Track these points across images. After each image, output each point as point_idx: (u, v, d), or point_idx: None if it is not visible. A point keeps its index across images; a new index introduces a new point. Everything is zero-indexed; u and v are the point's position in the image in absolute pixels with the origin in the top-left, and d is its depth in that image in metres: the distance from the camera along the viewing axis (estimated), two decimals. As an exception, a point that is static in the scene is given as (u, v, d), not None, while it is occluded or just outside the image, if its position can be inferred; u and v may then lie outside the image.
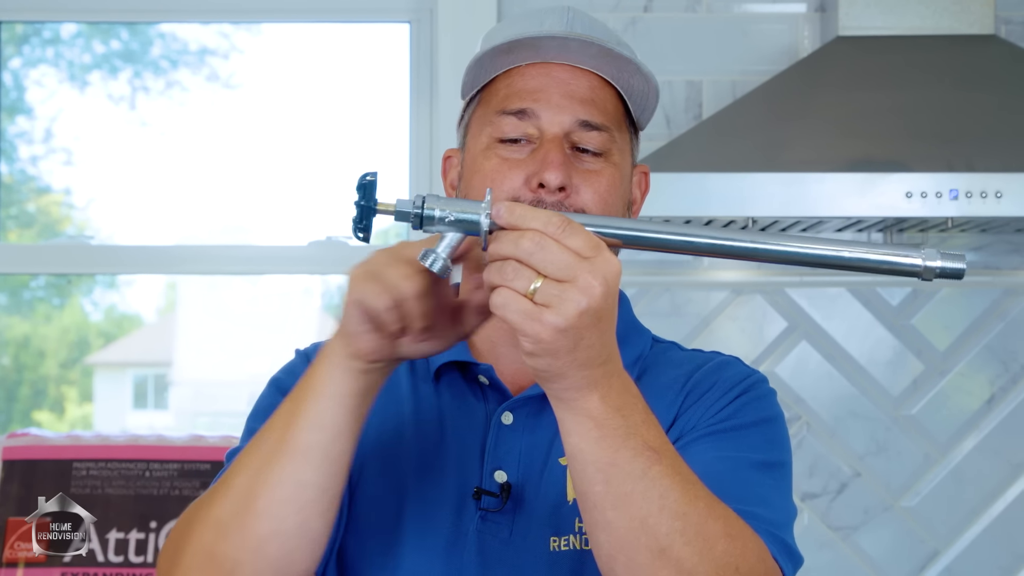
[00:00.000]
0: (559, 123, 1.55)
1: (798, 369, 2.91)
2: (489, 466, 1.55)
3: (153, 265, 3.12)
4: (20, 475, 2.63)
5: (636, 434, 1.25)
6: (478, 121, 1.61)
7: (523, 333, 1.19)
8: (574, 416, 1.24)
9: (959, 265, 1.25)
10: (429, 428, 1.59)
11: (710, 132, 2.58)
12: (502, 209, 1.21)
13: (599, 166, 1.56)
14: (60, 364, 4.28)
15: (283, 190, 3.35)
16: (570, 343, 1.19)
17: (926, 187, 2.44)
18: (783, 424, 1.59)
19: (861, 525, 2.90)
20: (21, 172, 3.47)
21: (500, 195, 1.53)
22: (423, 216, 1.25)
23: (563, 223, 1.19)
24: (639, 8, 2.94)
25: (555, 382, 1.23)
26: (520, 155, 1.55)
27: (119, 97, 3.40)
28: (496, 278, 1.19)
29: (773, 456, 1.53)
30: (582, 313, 1.18)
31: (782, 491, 1.53)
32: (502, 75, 1.59)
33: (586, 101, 1.56)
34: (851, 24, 2.73)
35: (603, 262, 1.19)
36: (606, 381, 1.24)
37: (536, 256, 1.18)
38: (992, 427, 2.91)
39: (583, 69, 1.57)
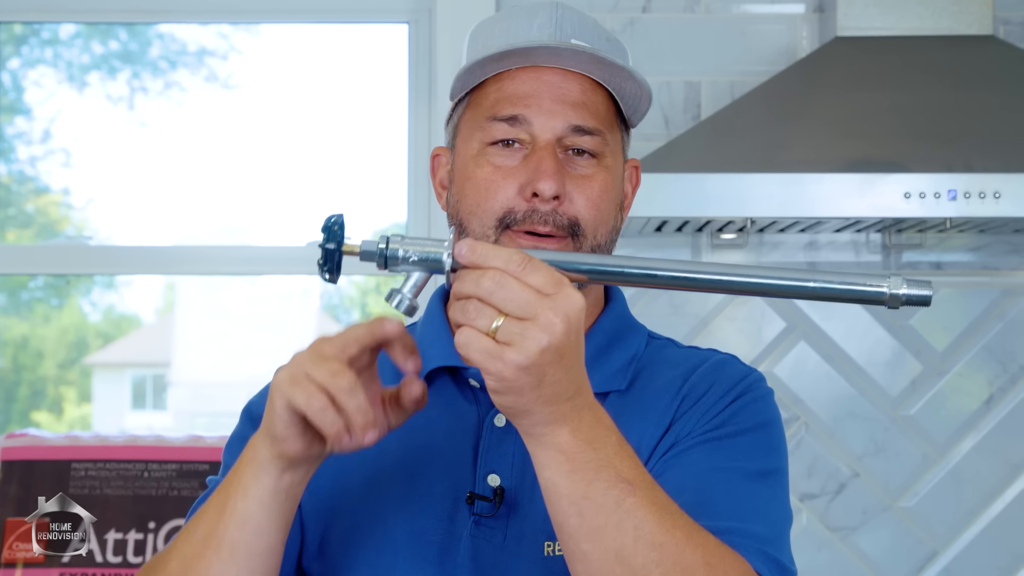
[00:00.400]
0: (551, 129, 1.53)
1: (796, 370, 2.91)
2: (482, 470, 1.54)
3: (151, 266, 3.12)
4: (19, 476, 2.63)
5: (609, 466, 1.25)
6: (468, 124, 1.60)
7: (486, 372, 1.20)
8: (545, 451, 1.25)
9: (925, 292, 1.25)
10: (418, 434, 1.57)
11: (709, 132, 2.59)
12: (464, 248, 1.22)
13: (592, 170, 1.55)
14: (59, 365, 4.28)
15: (282, 190, 3.35)
16: (534, 380, 1.19)
17: (925, 187, 2.44)
18: (779, 427, 1.58)
19: (860, 525, 2.90)
20: (20, 172, 3.47)
21: (495, 205, 1.53)
22: (387, 256, 1.26)
23: (524, 260, 1.19)
24: (637, 8, 2.94)
25: (523, 418, 1.24)
26: (512, 162, 1.54)
27: (118, 97, 3.41)
28: (459, 316, 1.20)
29: (768, 463, 1.52)
30: (543, 351, 1.18)
31: (777, 499, 1.52)
32: (492, 78, 1.57)
33: (578, 105, 1.55)
34: (850, 25, 2.73)
35: (565, 298, 1.19)
36: (575, 415, 1.24)
37: (496, 294, 1.18)
38: (991, 427, 2.91)
39: (574, 71, 1.56)
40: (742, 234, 2.85)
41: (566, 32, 1.56)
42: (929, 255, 2.92)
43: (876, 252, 2.92)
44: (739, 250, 2.91)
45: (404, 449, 1.57)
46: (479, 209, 1.54)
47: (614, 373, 1.58)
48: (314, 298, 4.95)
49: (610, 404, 1.53)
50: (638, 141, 2.87)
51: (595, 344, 1.59)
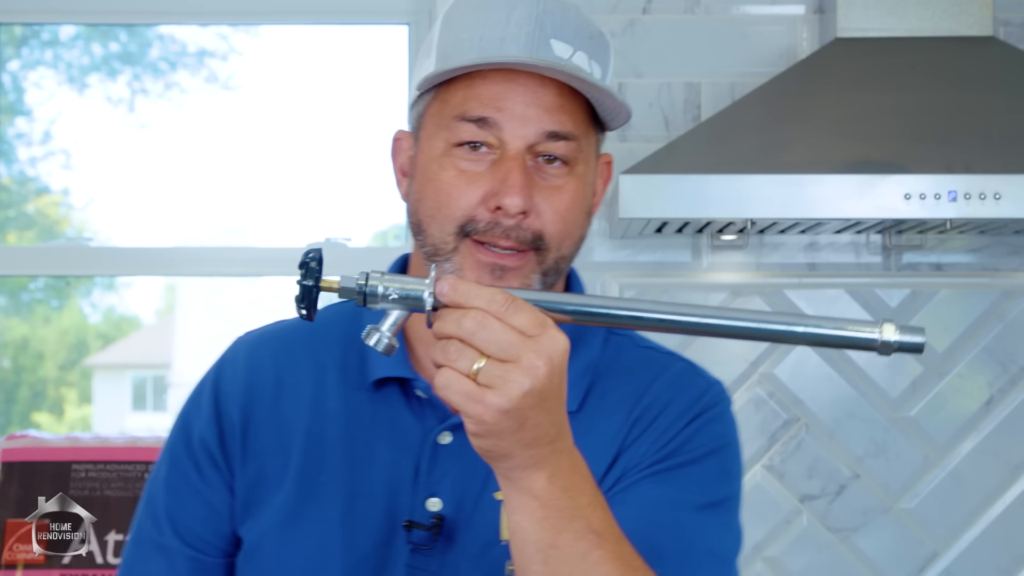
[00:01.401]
0: (522, 136, 1.43)
1: (797, 371, 2.91)
2: (422, 492, 1.49)
3: (152, 267, 3.12)
4: (19, 477, 2.63)
5: (581, 516, 1.22)
6: (433, 120, 1.49)
7: (466, 414, 1.16)
8: (519, 495, 1.22)
9: (918, 339, 1.22)
10: (359, 448, 1.52)
11: (709, 134, 2.58)
12: (445, 287, 1.18)
13: (562, 180, 1.46)
14: (59, 366, 4.27)
15: (282, 192, 3.35)
16: (514, 424, 1.16)
17: (925, 189, 2.44)
18: (735, 447, 1.54)
19: (860, 527, 2.90)
20: (20, 174, 3.47)
21: (456, 212, 1.44)
22: (366, 293, 1.22)
23: (507, 301, 1.16)
24: (638, 10, 2.94)
25: (501, 462, 1.20)
26: (479, 167, 1.44)
27: (118, 99, 3.40)
28: (440, 357, 1.17)
29: (720, 492, 1.49)
30: (526, 394, 1.15)
31: (728, 529, 1.49)
32: (463, 75, 1.46)
33: (553, 109, 1.44)
34: (850, 26, 2.73)
35: (548, 340, 1.16)
36: (554, 459, 1.21)
37: (478, 336, 1.15)
38: (991, 429, 2.91)
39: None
40: (742, 235, 2.85)
41: (546, 31, 1.44)
42: (929, 256, 2.92)
43: (876, 253, 2.92)
44: (739, 251, 2.91)
45: (346, 460, 1.52)
46: (439, 214, 1.45)
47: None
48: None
49: None
50: (638, 143, 2.88)
51: None
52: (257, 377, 1.59)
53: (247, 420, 1.56)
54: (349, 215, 3.32)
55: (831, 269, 2.92)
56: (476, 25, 1.46)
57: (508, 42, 1.43)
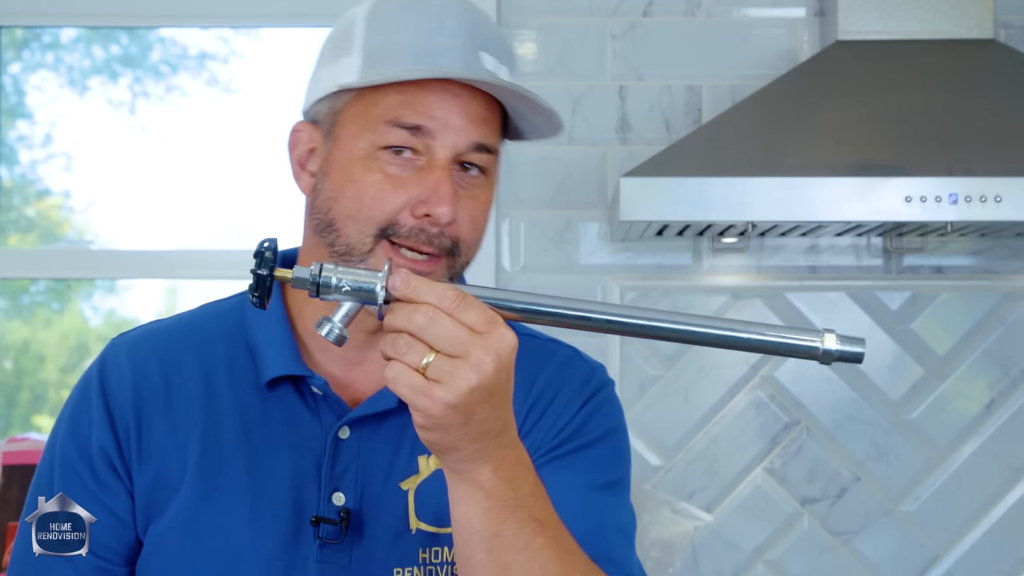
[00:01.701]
0: (452, 146, 1.44)
1: (798, 374, 2.91)
2: (327, 488, 1.49)
3: (153, 270, 3.12)
4: (20, 480, 2.63)
5: (524, 506, 1.26)
6: (357, 120, 1.47)
7: (414, 407, 1.19)
8: (465, 486, 1.25)
9: (858, 349, 1.25)
10: (258, 447, 1.52)
11: (709, 136, 2.59)
12: (398, 281, 1.20)
13: (479, 189, 1.48)
14: (60, 369, 4.27)
15: (283, 194, 3.35)
16: (461, 418, 1.18)
17: (925, 191, 2.44)
18: (623, 429, 1.59)
19: (861, 530, 2.90)
20: (21, 176, 3.47)
21: (379, 215, 1.43)
22: (319, 284, 1.23)
23: (458, 297, 1.18)
24: (638, 12, 2.94)
25: (448, 454, 1.23)
26: (405, 172, 1.44)
27: (119, 102, 3.41)
28: (389, 350, 1.19)
29: (615, 472, 1.54)
30: (473, 389, 1.17)
31: (623, 507, 1.55)
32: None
33: (481, 121, 1.46)
34: (850, 28, 2.73)
35: (497, 337, 1.18)
36: (500, 453, 1.24)
37: (428, 331, 1.17)
38: (992, 431, 2.91)
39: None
40: (743, 238, 2.85)
41: (477, 43, 1.46)
42: (930, 259, 2.92)
43: (877, 256, 2.92)
44: (740, 254, 2.91)
45: (246, 459, 1.51)
46: (360, 216, 1.44)
47: None
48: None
49: None
50: (639, 145, 2.88)
51: None
52: (143, 377, 1.56)
53: (140, 421, 1.54)
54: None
55: (832, 272, 2.92)
56: (408, 30, 1.46)
57: (443, 53, 1.44)
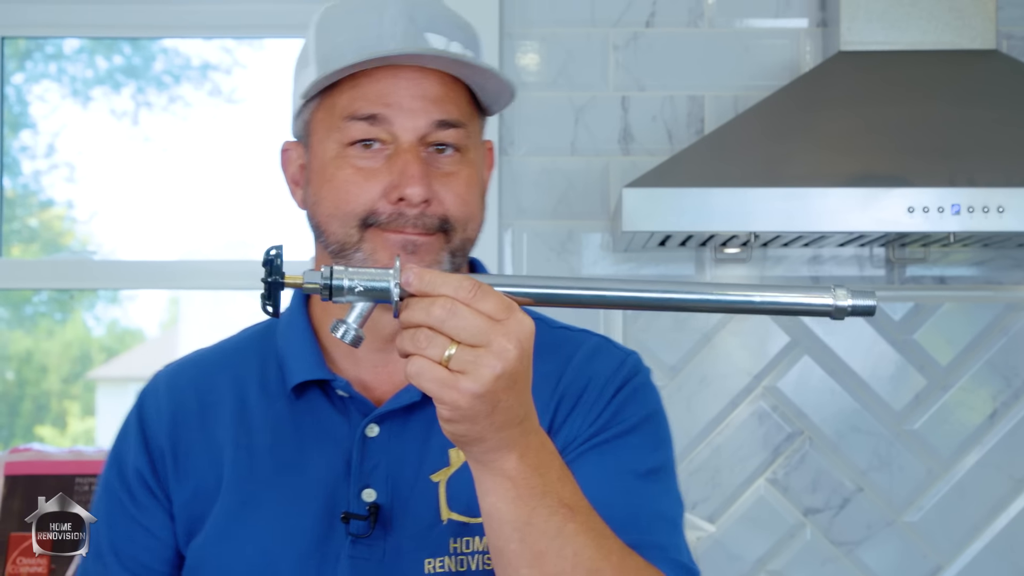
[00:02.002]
0: (413, 128, 1.48)
1: (800, 384, 2.91)
2: (356, 485, 1.51)
3: (155, 280, 3.12)
4: (22, 490, 2.63)
5: (552, 492, 1.25)
6: (323, 124, 1.53)
7: (440, 400, 1.18)
8: (492, 476, 1.24)
9: (869, 302, 1.25)
10: (287, 452, 1.55)
11: (712, 147, 2.59)
12: (411, 276, 1.19)
13: (456, 166, 1.51)
14: (62, 379, 4.27)
15: (285, 205, 3.36)
16: (487, 407, 1.18)
17: (928, 202, 2.44)
18: (662, 413, 1.58)
19: (864, 540, 2.90)
20: (24, 187, 3.47)
21: (357, 207, 1.48)
22: (332, 287, 1.22)
23: (474, 287, 1.17)
24: (641, 23, 2.95)
25: (474, 445, 1.22)
26: (375, 163, 1.49)
27: (122, 112, 3.41)
28: (409, 346, 1.18)
29: (657, 458, 1.52)
30: (498, 377, 1.17)
31: (670, 494, 1.53)
32: (348, 76, 1.50)
33: (439, 99, 1.49)
34: (853, 39, 2.73)
35: (516, 323, 1.18)
36: (524, 440, 1.23)
37: (448, 323, 1.16)
38: (995, 442, 2.91)
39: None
40: (746, 248, 2.85)
41: (419, 25, 1.50)
42: (932, 269, 2.92)
43: (880, 266, 2.92)
44: (743, 264, 2.91)
45: (277, 465, 1.55)
46: (339, 212, 1.50)
47: None
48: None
49: None
50: (641, 156, 2.88)
51: None
52: (180, 403, 1.62)
53: (175, 444, 1.60)
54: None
55: (834, 282, 2.92)
56: (351, 28, 1.51)
57: (386, 39, 1.48)
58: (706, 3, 2.95)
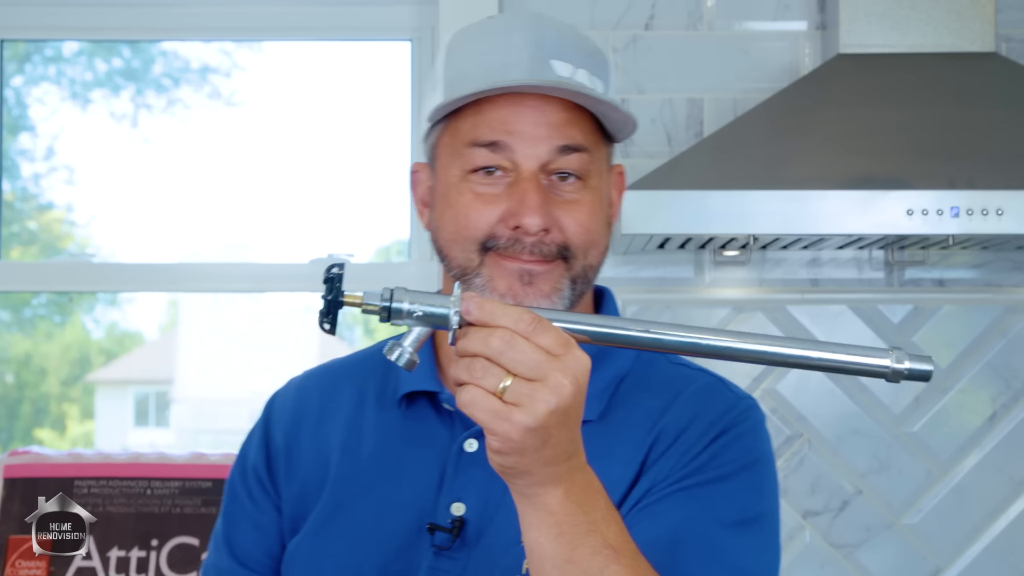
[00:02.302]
0: (534, 156, 1.48)
1: (799, 387, 2.91)
2: (446, 497, 1.52)
3: (154, 283, 3.12)
4: (21, 493, 2.62)
5: (596, 531, 1.24)
6: (447, 150, 1.55)
7: (492, 432, 1.18)
8: (535, 511, 1.23)
9: (926, 367, 1.24)
10: (388, 459, 1.57)
11: (711, 149, 2.59)
12: (472, 305, 1.19)
13: (579, 195, 1.51)
14: (61, 382, 4.28)
15: (285, 208, 3.36)
16: (539, 441, 1.18)
17: (927, 204, 2.44)
18: (768, 464, 1.53)
19: (863, 543, 2.90)
20: (23, 190, 3.47)
21: (476, 232, 1.49)
22: (391, 309, 1.22)
23: (533, 320, 1.17)
24: (640, 26, 2.95)
25: (520, 479, 1.22)
26: (495, 189, 1.50)
27: (121, 115, 3.41)
28: (464, 375, 1.18)
29: (751, 509, 1.48)
30: (552, 412, 1.16)
31: (760, 548, 1.49)
32: (472, 103, 1.51)
33: (561, 125, 1.49)
34: (852, 42, 2.73)
35: (573, 359, 1.18)
36: (570, 476, 1.23)
37: (506, 355, 1.16)
38: (994, 444, 2.91)
39: None
40: (745, 251, 2.85)
41: (546, 52, 1.50)
42: (932, 272, 2.92)
43: (879, 269, 2.92)
44: (742, 267, 2.91)
45: (377, 471, 1.57)
46: (460, 237, 1.51)
47: (588, 399, 1.49)
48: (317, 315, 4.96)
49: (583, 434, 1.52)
50: (640, 159, 2.88)
51: None
52: (303, 406, 1.68)
53: (290, 443, 1.65)
54: (352, 231, 3.32)
55: (833, 285, 2.92)
56: (478, 54, 1.52)
57: (511, 67, 1.49)
58: (705, 6, 2.95)
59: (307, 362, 1.79)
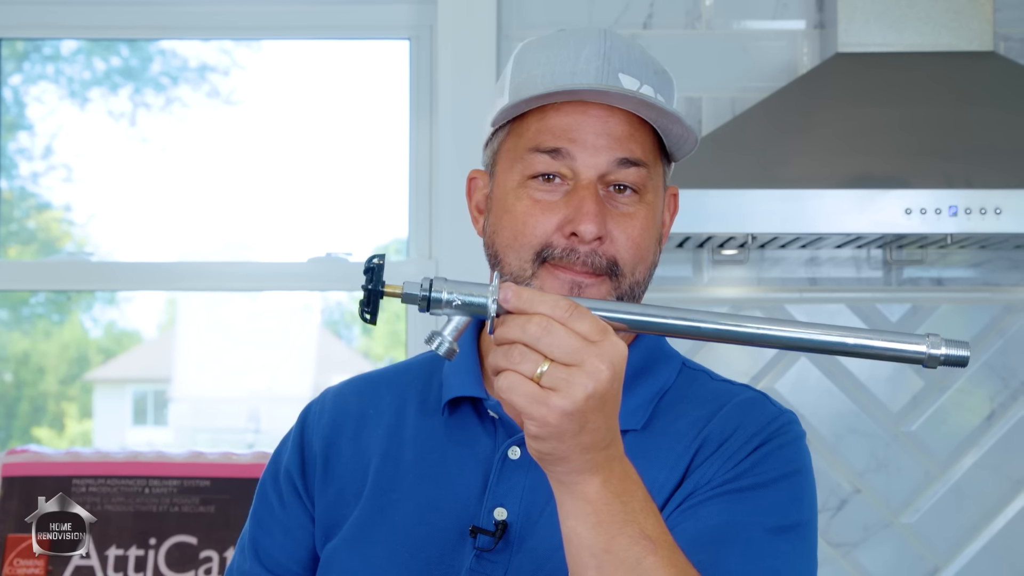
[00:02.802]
0: (594, 166, 1.50)
1: (798, 386, 2.91)
2: (490, 502, 1.53)
3: (153, 281, 3.12)
4: (20, 492, 2.62)
5: (634, 521, 1.25)
6: (508, 154, 1.56)
7: (529, 416, 1.19)
8: (573, 500, 1.24)
9: (963, 352, 1.27)
10: (431, 466, 1.59)
11: (710, 148, 2.59)
12: (509, 293, 1.21)
13: (633, 208, 1.52)
14: (60, 380, 4.27)
15: (283, 206, 3.36)
16: (576, 427, 1.19)
17: (925, 203, 2.44)
18: (808, 475, 1.54)
19: (861, 542, 2.90)
20: (21, 189, 3.47)
21: (533, 239, 1.51)
22: (430, 299, 1.25)
23: (570, 307, 1.19)
24: (638, 25, 2.95)
25: (558, 465, 1.23)
26: (553, 196, 1.51)
27: (119, 113, 3.41)
28: (503, 362, 1.19)
29: (791, 517, 1.49)
30: (589, 397, 1.17)
31: (798, 555, 1.49)
32: (536, 109, 1.53)
33: (623, 138, 1.51)
34: (850, 41, 2.73)
35: (610, 346, 1.19)
36: (607, 465, 1.24)
37: (543, 340, 1.18)
38: (992, 443, 2.91)
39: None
40: (743, 250, 2.86)
41: (614, 65, 1.52)
42: (930, 271, 2.92)
43: (877, 268, 2.92)
44: (740, 266, 2.91)
45: (419, 477, 1.58)
46: (516, 243, 1.52)
47: (633, 410, 1.55)
48: (315, 314, 4.95)
49: (626, 443, 1.53)
50: (639, 157, 2.88)
51: None
52: (341, 413, 1.69)
53: (328, 449, 1.66)
54: (350, 229, 3.32)
55: (832, 284, 2.92)
56: (547, 62, 1.54)
57: (578, 76, 1.51)
58: (704, 5, 2.95)
59: (305, 361, 1.79)
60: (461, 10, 2.91)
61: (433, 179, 3.01)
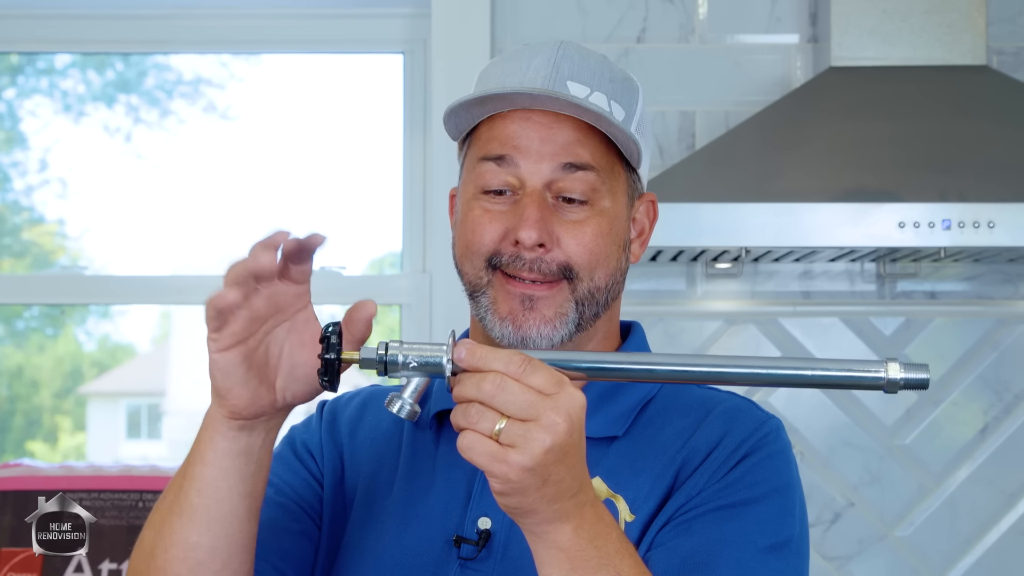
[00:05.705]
0: (538, 173, 1.51)
1: (791, 399, 2.91)
2: (473, 512, 1.54)
3: (147, 295, 3.12)
4: (13, 505, 2.62)
5: (609, 564, 1.25)
6: (466, 167, 1.59)
7: (491, 474, 1.19)
8: (547, 549, 1.25)
9: (923, 376, 1.26)
10: (420, 476, 1.60)
11: (703, 162, 2.59)
12: (463, 352, 1.21)
13: (583, 216, 1.52)
14: (53, 394, 4.27)
15: (277, 220, 3.35)
16: (538, 481, 1.19)
17: (919, 217, 2.44)
18: (796, 488, 1.54)
19: (855, 555, 2.90)
20: (15, 203, 3.47)
21: (482, 248, 1.53)
22: (387, 362, 1.25)
23: (524, 362, 1.19)
24: (632, 39, 2.95)
25: (527, 517, 1.24)
26: (502, 207, 1.53)
27: (114, 128, 3.41)
28: (462, 421, 1.20)
29: (783, 533, 1.48)
30: (547, 451, 1.18)
31: (791, 571, 1.49)
32: (487, 119, 1.56)
33: (569, 143, 1.52)
34: (843, 55, 2.74)
35: (566, 397, 1.19)
36: (578, 512, 1.24)
37: (498, 398, 1.18)
38: (986, 456, 2.91)
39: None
40: (736, 264, 2.86)
41: (562, 73, 1.53)
42: (924, 284, 2.93)
43: (871, 282, 2.92)
44: (734, 279, 2.91)
45: (406, 489, 1.59)
46: (468, 252, 1.55)
47: (615, 418, 1.56)
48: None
49: (612, 451, 1.52)
50: (633, 171, 2.88)
51: (601, 386, 1.57)
52: (346, 414, 1.70)
53: (340, 449, 1.66)
54: (345, 243, 3.32)
55: (825, 297, 2.93)
56: (501, 74, 1.56)
57: (526, 84, 1.52)
58: (697, 19, 2.96)
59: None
60: (455, 25, 2.91)
61: (427, 192, 3.01)
